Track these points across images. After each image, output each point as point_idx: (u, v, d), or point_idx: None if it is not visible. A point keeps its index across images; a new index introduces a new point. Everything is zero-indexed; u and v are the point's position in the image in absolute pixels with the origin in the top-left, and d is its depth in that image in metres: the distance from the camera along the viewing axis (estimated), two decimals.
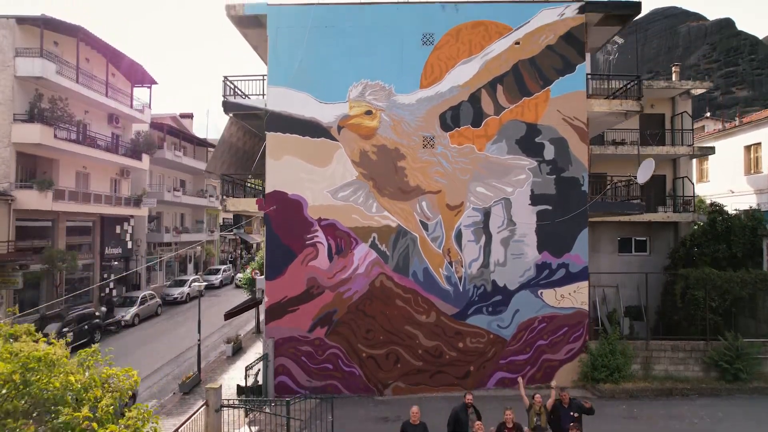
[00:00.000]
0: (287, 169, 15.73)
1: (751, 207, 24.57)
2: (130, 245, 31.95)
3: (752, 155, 25.93)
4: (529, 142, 15.64)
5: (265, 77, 16.05)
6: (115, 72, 30.72)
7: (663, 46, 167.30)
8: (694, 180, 28.36)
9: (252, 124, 17.70)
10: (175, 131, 37.92)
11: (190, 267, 41.59)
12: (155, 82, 32.91)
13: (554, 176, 15.61)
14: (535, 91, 15.68)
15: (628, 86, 16.51)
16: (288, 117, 15.78)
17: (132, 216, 31.71)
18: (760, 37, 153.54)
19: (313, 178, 15.71)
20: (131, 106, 31.14)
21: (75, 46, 26.32)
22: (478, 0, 15.96)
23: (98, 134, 28.23)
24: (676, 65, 26.63)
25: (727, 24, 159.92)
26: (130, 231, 31.84)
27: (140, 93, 32.81)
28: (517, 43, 15.74)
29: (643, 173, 15.16)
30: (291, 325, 15.63)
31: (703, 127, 64.20)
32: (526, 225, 15.60)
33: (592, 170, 17.17)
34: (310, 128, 15.77)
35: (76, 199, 25.64)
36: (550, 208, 15.58)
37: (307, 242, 15.71)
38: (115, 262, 30.14)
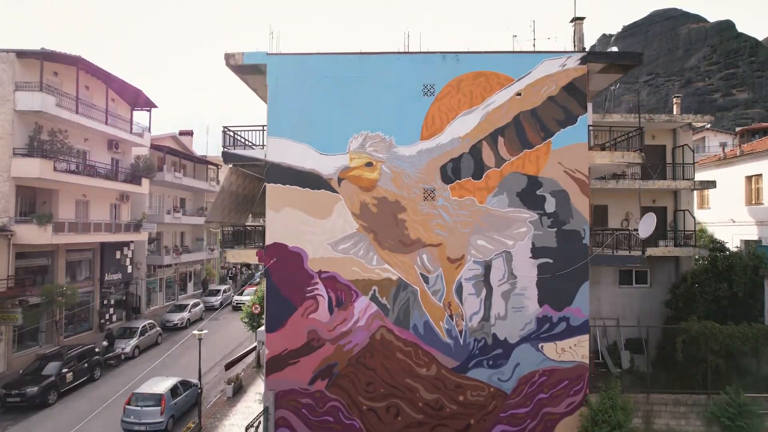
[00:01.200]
0: (287, 221, 15.68)
1: (752, 244, 24.57)
2: (130, 269, 31.93)
3: (753, 186, 25.88)
4: (530, 194, 15.58)
5: (265, 127, 16.00)
6: (115, 97, 30.67)
7: (663, 48, 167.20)
8: (695, 206, 28.33)
9: (252, 170, 17.66)
10: (174, 151, 37.86)
11: (191, 285, 41.56)
12: (154, 105, 32.84)
13: (555, 229, 15.55)
14: (537, 143, 15.61)
15: (630, 135, 16.44)
16: (288, 168, 15.73)
17: (132, 241, 31.67)
18: (760, 38, 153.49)
19: (313, 230, 15.66)
20: (131, 131, 31.09)
21: (75, 75, 26.28)
22: (479, 50, 15.88)
23: (98, 162, 28.18)
24: (677, 97, 26.55)
25: (727, 26, 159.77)
26: (130, 256, 31.82)
27: (140, 116, 32.70)
28: (519, 94, 15.67)
29: (645, 227, 15.12)
30: (292, 378, 15.60)
31: (704, 139, 64.24)
32: (526, 278, 15.55)
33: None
34: (310, 180, 15.72)
35: (75, 230, 25.61)
36: (551, 261, 15.53)
37: (308, 295, 15.68)
38: (113, 294, 30.09)
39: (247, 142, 17.08)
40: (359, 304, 15.61)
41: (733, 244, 26.48)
